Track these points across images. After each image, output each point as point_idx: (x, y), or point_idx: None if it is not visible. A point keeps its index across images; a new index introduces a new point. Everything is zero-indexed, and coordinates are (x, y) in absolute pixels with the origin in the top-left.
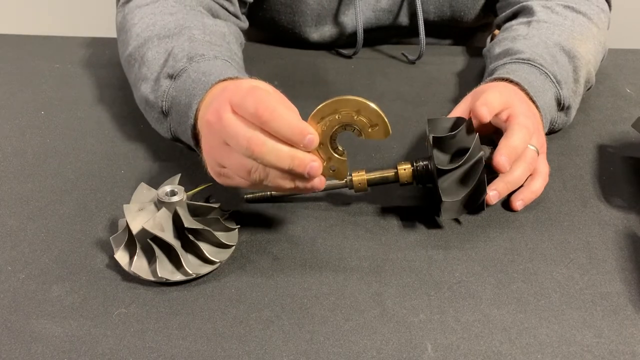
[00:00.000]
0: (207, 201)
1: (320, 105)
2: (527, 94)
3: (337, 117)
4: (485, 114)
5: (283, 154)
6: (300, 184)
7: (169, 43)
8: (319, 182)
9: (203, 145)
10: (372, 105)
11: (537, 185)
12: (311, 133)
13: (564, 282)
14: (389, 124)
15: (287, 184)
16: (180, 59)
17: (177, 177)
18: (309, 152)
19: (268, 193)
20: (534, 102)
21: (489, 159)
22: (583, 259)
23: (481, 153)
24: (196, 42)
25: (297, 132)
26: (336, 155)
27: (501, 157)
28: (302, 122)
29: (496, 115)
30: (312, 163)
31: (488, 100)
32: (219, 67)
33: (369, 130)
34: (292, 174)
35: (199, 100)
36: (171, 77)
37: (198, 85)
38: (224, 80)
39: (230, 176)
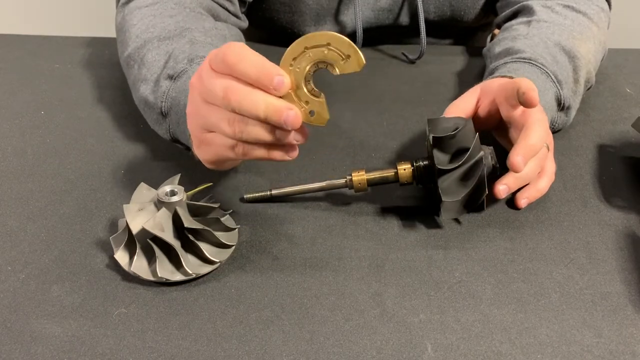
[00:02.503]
0: (207, 201)
1: (289, 47)
2: None
3: (308, 55)
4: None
5: (258, 100)
6: (280, 135)
7: (170, 45)
8: (294, 119)
9: (187, 111)
10: (341, 35)
11: (543, 184)
12: (280, 74)
13: (564, 282)
14: (361, 53)
15: (267, 135)
16: (180, 61)
17: (177, 177)
18: (281, 96)
19: (268, 193)
20: None
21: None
22: (583, 259)
23: (481, 153)
24: (197, 44)
25: (265, 72)
26: (314, 97)
27: (517, 157)
28: (269, 63)
29: (508, 110)
30: (288, 111)
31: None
32: None
33: (342, 62)
34: (270, 124)
35: None
36: (171, 78)
37: None
38: None
39: (211, 142)
